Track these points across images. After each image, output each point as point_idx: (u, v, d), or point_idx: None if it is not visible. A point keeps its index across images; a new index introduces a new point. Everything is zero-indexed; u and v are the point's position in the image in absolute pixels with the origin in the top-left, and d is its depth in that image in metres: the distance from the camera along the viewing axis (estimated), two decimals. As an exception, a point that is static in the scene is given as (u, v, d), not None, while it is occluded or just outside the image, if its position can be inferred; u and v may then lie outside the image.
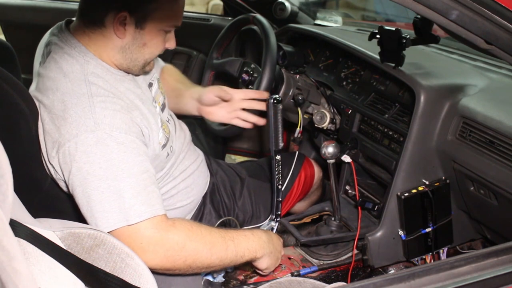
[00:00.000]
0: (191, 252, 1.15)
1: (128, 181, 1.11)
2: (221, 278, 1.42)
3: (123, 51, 1.22)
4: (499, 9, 0.95)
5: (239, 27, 1.74)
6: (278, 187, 1.50)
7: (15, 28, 2.47)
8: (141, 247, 1.10)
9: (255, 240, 1.27)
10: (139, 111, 1.23)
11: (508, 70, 1.62)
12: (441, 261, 0.86)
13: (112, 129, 1.12)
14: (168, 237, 1.13)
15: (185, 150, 1.50)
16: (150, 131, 1.25)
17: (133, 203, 1.10)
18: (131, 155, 1.14)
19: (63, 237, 0.95)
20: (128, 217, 1.10)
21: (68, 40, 1.21)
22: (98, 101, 1.14)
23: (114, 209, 1.10)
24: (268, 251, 1.29)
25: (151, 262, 1.10)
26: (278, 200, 1.52)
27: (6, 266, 0.56)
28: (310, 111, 1.70)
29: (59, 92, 1.16)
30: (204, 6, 5.16)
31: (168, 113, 1.47)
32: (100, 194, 1.10)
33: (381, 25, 1.41)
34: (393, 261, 1.52)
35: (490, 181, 1.27)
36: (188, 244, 1.14)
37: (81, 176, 1.11)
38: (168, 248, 1.12)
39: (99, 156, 1.10)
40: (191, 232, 1.16)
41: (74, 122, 1.12)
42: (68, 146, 1.12)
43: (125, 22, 1.17)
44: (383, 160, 1.51)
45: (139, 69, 1.28)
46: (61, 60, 1.19)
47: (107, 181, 1.10)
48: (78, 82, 1.16)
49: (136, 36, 1.20)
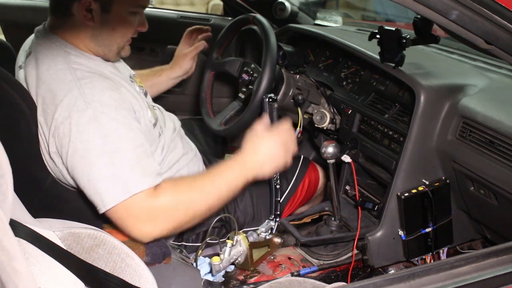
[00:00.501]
0: (187, 204, 1.18)
1: (124, 155, 1.14)
2: (221, 278, 1.42)
3: (95, 38, 1.26)
4: (499, 9, 0.95)
5: (239, 27, 1.74)
6: (276, 186, 1.50)
7: (15, 28, 2.46)
8: (140, 220, 1.14)
9: (239, 166, 1.25)
10: (126, 89, 1.26)
11: (508, 70, 1.62)
12: (441, 261, 0.86)
13: (102, 106, 1.15)
14: (161, 201, 1.16)
15: (176, 140, 1.52)
16: (140, 108, 1.28)
17: (129, 176, 1.13)
18: (124, 130, 1.16)
19: (63, 237, 0.95)
20: (125, 191, 1.12)
21: (47, 36, 1.26)
22: (85, 83, 1.17)
23: (112, 185, 1.12)
24: (258, 165, 1.26)
25: (155, 230, 1.15)
26: (277, 200, 1.52)
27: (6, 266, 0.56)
28: (310, 111, 1.70)
29: (45, 84, 1.19)
30: (204, 6, 5.17)
31: (153, 103, 1.51)
32: (98, 171, 1.13)
33: (381, 25, 1.40)
34: (393, 261, 1.51)
35: (490, 181, 1.27)
36: (180, 198, 1.18)
37: (78, 156, 1.13)
38: (165, 211, 1.16)
39: (93, 133, 1.13)
40: (177, 187, 1.19)
41: (65, 105, 1.14)
42: (62, 128, 1.14)
43: (91, 8, 1.20)
44: (383, 160, 1.51)
45: (114, 54, 1.31)
46: (41, 56, 1.23)
47: (103, 158, 1.13)
48: (62, 71, 1.19)
49: (104, 20, 1.24)
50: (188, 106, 2.33)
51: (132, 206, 1.13)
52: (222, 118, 1.68)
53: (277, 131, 1.32)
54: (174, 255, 1.29)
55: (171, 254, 1.25)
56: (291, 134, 1.33)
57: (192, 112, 2.34)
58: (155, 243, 1.21)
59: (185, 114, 2.32)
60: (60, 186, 1.28)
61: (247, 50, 2.05)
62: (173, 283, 1.26)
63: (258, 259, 1.45)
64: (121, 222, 1.15)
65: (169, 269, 1.23)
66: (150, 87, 1.70)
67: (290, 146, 1.32)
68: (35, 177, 1.28)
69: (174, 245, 1.48)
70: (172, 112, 1.64)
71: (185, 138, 1.62)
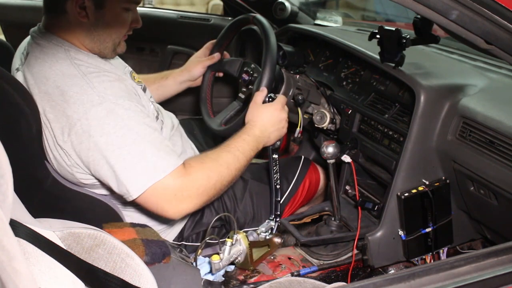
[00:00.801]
0: (216, 178, 1.24)
1: (147, 141, 1.17)
2: (221, 278, 1.42)
3: (90, 34, 1.27)
4: (499, 9, 0.95)
5: (239, 27, 1.74)
6: (276, 186, 1.50)
7: (15, 28, 2.46)
8: (176, 198, 1.18)
9: (253, 140, 1.37)
10: (129, 82, 1.29)
11: (508, 70, 1.62)
12: (441, 261, 0.86)
13: (116, 98, 1.17)
14: (194, 178, 1.20)
15: (175, 139, 1.53)
16: (144, 100, 1.31)
17: (155, 159, 1.16)
18: (140, 118, 1.19)
19: (63, 237, 0.95)
20: (155, 174, 1.15)
21: (44, 36, 1.26)
22: (93, 77, 1.19)
23: (140, 171, 1.15)
24: (267, 134, 1.41)
25: (189, 206, 1.20)
26: (277, 200, 1.52)
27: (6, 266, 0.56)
28: (310, 111, 1.70)
29: (50, 81, 1.19)
30: (204, 6, 5.17)
31: (152, 99, 1.52)
32: (122, 161, 1.15)
33: (381, 25, 1.40)
34: (393, 261, 1.51)
35: (490, 181, 1.27)
36: (210, 174, 1.23)
37: (100, 149, 1.15)
38: (198, 187, 1.20)
39: (113, 125, 1.15)
40: (204, 163, 1.25)
41: (77, 101, 1.15)
42: (80, 125, 1.15)
43: (84, 5, 1.22)
44: (383, 160, 1.51)
45: (110, 51, 1.33)
46: (41, 55, 1.24)
47: (126, 147, 1.15)
48: (66, 66, 1.20)
49: (98, 17, 1.25)
50: (188, 106, 2.33)
51: (166, 186, 1.16)
52: (222, 118, 1.68)
53: (272, 103, 1.46)
54: (173, 254, 1.28)
55: (170, 253, 1.25)
56: (283, 104, 1.48)
57: (192, 112, 2.34)
58: (154, 243, 1.21)
59: (185, 114, 2.32)
60: (60, 186, 1.28)
61: (247, 50, 2.05)
62: (172, 283, 1.25)
63: (258, 258, 1.46)
64: (155, 205, 1.18)
65: (169, 269, 1.23)
66: (156, 90, 1.72)
67: (285, 114, 1.48)
68: (35, 177, 1.28)
69: (174, 245, 1.48)
70: (172, 112, 1.64)
71: (184, 137, 1.63)
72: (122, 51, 1.37)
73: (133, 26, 1.35)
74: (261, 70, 1.50)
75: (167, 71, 1.82)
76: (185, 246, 1.54)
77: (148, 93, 1.50)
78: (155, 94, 1.67)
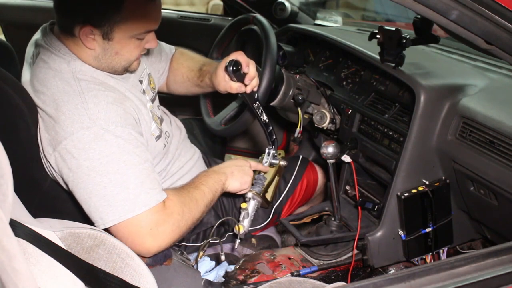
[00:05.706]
0: (188, 214, 1.20)
1: (131, 172, 1.13)
2: (221, 278, 1.42)
3: (98, 60, 1.21)
4: (499, 9, 0.95)
5: (239, 27, 1.74)
6: (266, 121, 1.45)
7: (15, 28, 2.46)
8: (151, 233, 1.13)
9: (214, 173, 1.35)
10: (131, 101, 1.24)
11: (508, 70, 1.62)
12: (441, 261, 0.86)
13: (108, 123, 1.13)
14: (170, 213, 1.16)
15: (181, 147, 1.51)
16: (143, 121, 1.27)
17: (138, 192, 1.12)
18: (130, 146, 1.15)
19: (63, 237, 0.95)
20: (134, 207, 1.11)
21: (53, 42, 1.22)
22: (90, 96, 1.15)
23: (119, 201, 1.11)
24: (229, 171, 1.36)
25: (164, 242, 1.15)
26: (270, 131, 1.47)
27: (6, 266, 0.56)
28: (310, 111, 1.70)
29: (49, 91, 1.17)
30: (204, 6, 5.16)
31: (160, 109, 1.49)
32: (103, 189, 1.11)
33: (381, 25, 1.41)
34: (393, 261, 1.51)
35: (490, 181, 1.27)
36: (183, 209, 1.19)
37: (81, 173, 1.12)
38: (173, 223, 1.16)
39: (99, 152, 1.11)
40: (181, 198, 1.21)
41: (67, 119, 1.12)
42: (65, 144, 1.12)
43: (92, 34, 1.16)
44: (383, 160, 1.51)
45: (121, 72, 1.27)
46: (49, 60, 1.21)
47: (108, 176, 1.11)
48: (67, 80, 1.17)
49: (106, 47, 1.19)
50: (188, 106, 2.33)
51: (143, 220, 1.12)
52: (222, 118, 1.68)
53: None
54: (175, 256, 1.29)
55: (172, 256, 1.25)
56: (247, 166, 1.43)
57: (192, 112, 2.34)
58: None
59: (185, 114, 2.32)
60: (59, 186, 1.28)
61: (247, 50, 2.05)
62: (173, 283, 1.26)
63: (273, 193, 1.49)
64: (125, 238, 1.11)
65: (170, 271, 1.23)
66: (182, 82, 1.62)
67: (248, 173, 1.42)
68: (34, 178, 1.28)
69: (175, 247, 1.48)
70: (172, 112, 1.64)
71: (188, 142, 1.61)
72: (134, 70, 1.30)
73: (147, 47, 1.28)
74: (261, 70, 1.49)
75: (205, 67, 1.57)
76: (185, 247, 1.54)
77: (156, 102, 1.45)
78: (180, 87, 1.61)
